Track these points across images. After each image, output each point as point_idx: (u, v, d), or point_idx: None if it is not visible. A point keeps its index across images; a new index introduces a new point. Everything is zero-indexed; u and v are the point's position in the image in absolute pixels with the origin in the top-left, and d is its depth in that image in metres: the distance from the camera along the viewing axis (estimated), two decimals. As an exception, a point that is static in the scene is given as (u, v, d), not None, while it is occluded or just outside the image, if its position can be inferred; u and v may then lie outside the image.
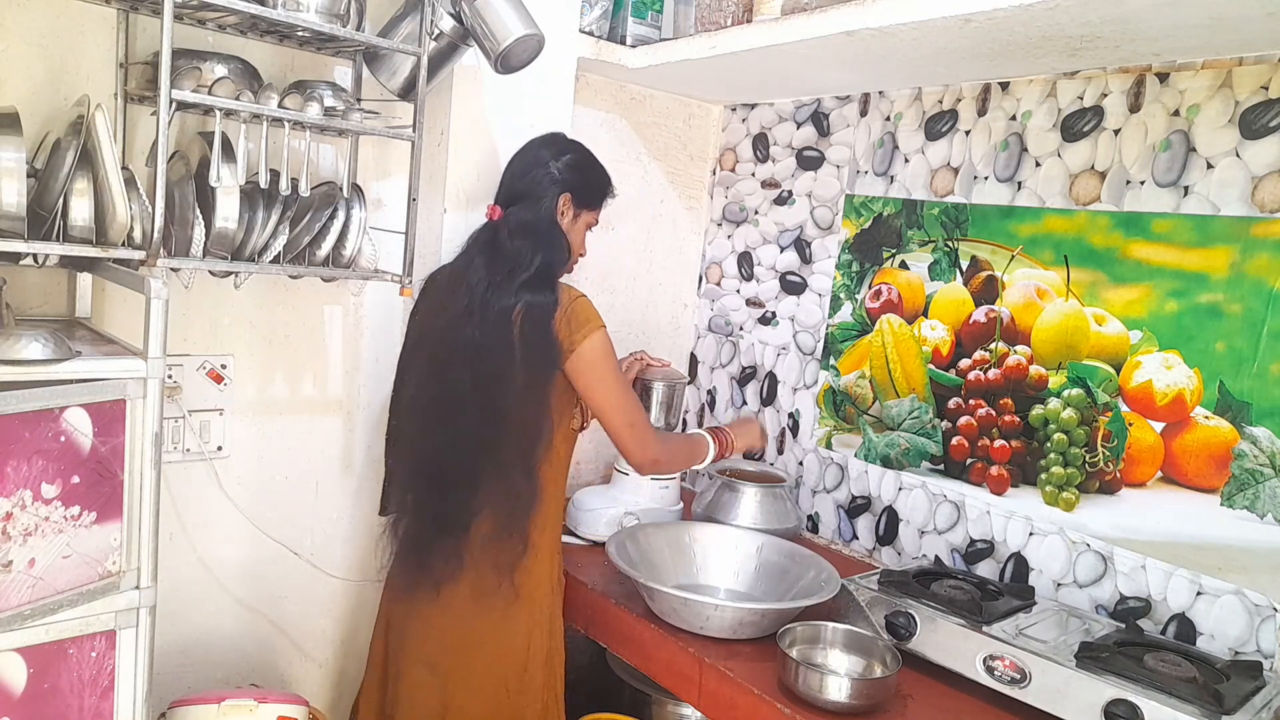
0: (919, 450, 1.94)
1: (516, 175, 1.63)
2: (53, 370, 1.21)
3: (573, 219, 1.63)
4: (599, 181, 1.68)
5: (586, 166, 1.65)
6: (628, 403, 1.58)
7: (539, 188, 1.59)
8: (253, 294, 1.80)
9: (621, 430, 1.57)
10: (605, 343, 1.54)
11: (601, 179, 1.68)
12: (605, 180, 1.69)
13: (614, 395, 1.56)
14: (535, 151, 1.64)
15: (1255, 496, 1.46)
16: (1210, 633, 1.50)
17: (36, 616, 1.20)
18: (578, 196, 1.62)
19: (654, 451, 1.60)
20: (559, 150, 1.63)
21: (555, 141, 1.66)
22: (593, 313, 1.54)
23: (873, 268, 2.05)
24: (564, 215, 1.61)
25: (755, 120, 2.35)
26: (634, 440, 1.57)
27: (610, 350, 1.55)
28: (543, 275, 1.53)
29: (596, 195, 1.68)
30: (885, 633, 1.50)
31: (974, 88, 1.86)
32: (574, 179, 1.61)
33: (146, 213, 1.37)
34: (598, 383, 1.54)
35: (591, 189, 1.66)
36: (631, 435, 1.57)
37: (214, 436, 1.78)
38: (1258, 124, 1.46)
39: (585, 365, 1.52)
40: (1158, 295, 1.58)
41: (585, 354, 1.51)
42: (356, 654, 2.05)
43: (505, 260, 1.53)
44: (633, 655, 1.65)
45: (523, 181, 1.61)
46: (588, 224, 1.68)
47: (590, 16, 2.00)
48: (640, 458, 1.60)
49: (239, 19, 1.49)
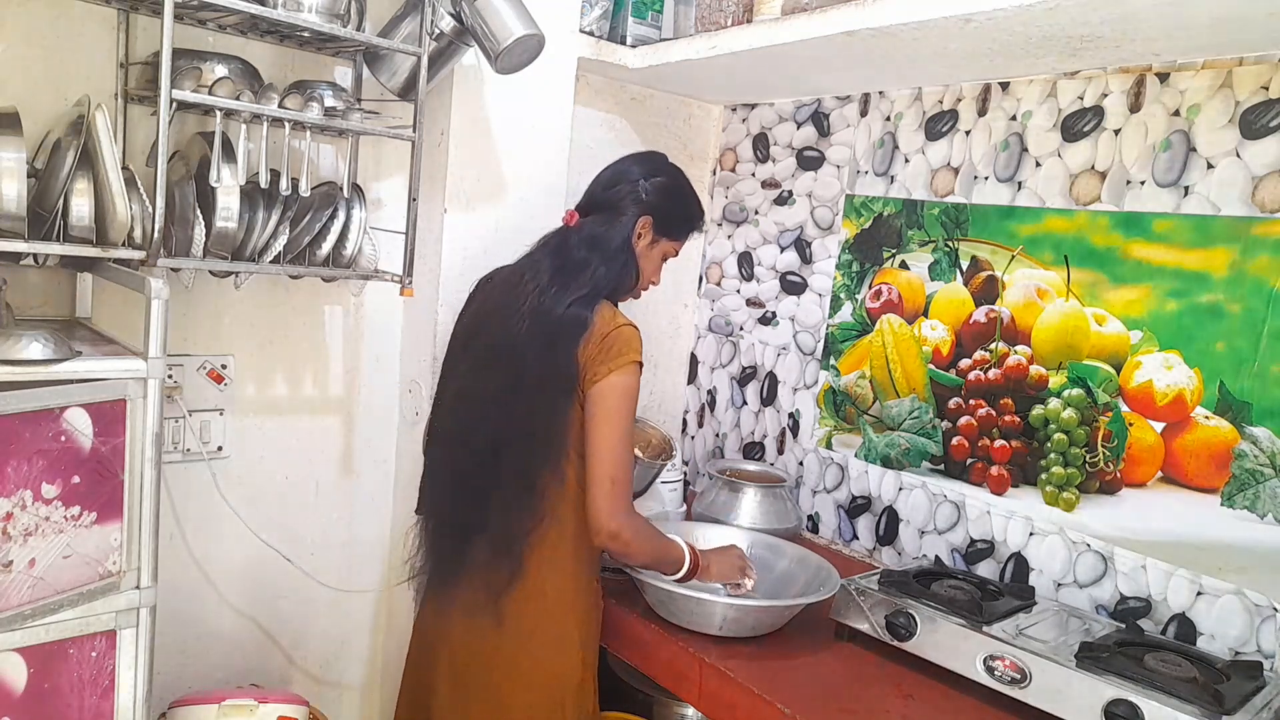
0: (919, 450, 1.94)
1: (602, 185, 1.58)
2: (53, 370, 1.21)
3: (649, 243, 1.56)
4: (687, 211, 1.60)
5: (677, 193, 1.58)
6: (621, 457, 1.43)
7: (621, 203, 1.54)
8: (253, 294, 1.80)
9: (601, 481, 1.41)
10: (631, 383, 1.44)
11: (690, 210, 1.61)
12: (695, 211, 1.62)
13: (612, 440, 1.42)
14: (628, 166, 1.58)
15: (1255, 496, 1.46)
16: (1210, 633, 1.50)
17: (37, 616, 1.20)
18: (660, 222, 1.55)
19: (621, 522, 1.41)
20: (652, 170, 1.57)
21: (651, 160, 1.60)
22: (634, 346, 1.44)
23: (873, 268, 2.05)
24: (640, 238, 1.55)
25: (755, 120, 2.35)
26: (607, 499, 1.40)
27: (633, 393, 1.44)
28: (595, 292, 1.47)
29: (681, 225, 1.60)
30: (886, 633, 1.50)
31: (974, 88, 1.86)
32: (660, 203, 1.54)
33: (147, 213, 1.37)
34: (604, 420, 1.42)
35: (677, 218, 1.59)
36: (608, 493, 1.40)
37: (214, 437, 1.78)
38: (1258, 124, 1.46)
39: (601, 396, 1.42)
40: (1158, 295, 1.58)
41: (608, 385, 1.42)
42: (357, 654, 2.06)
43: (567, 268, 1.48)
44: (633, 655, 1.65)
45: (607, 193, 1.56)
46: (665, 253, 1.60)
47: (590, 16, 2.00)
48: (605, 521, 1.40)
49: (239, 19, 1.49)
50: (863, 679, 1.46)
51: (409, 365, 1.98)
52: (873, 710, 1.36)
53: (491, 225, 1.90)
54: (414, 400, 1.94)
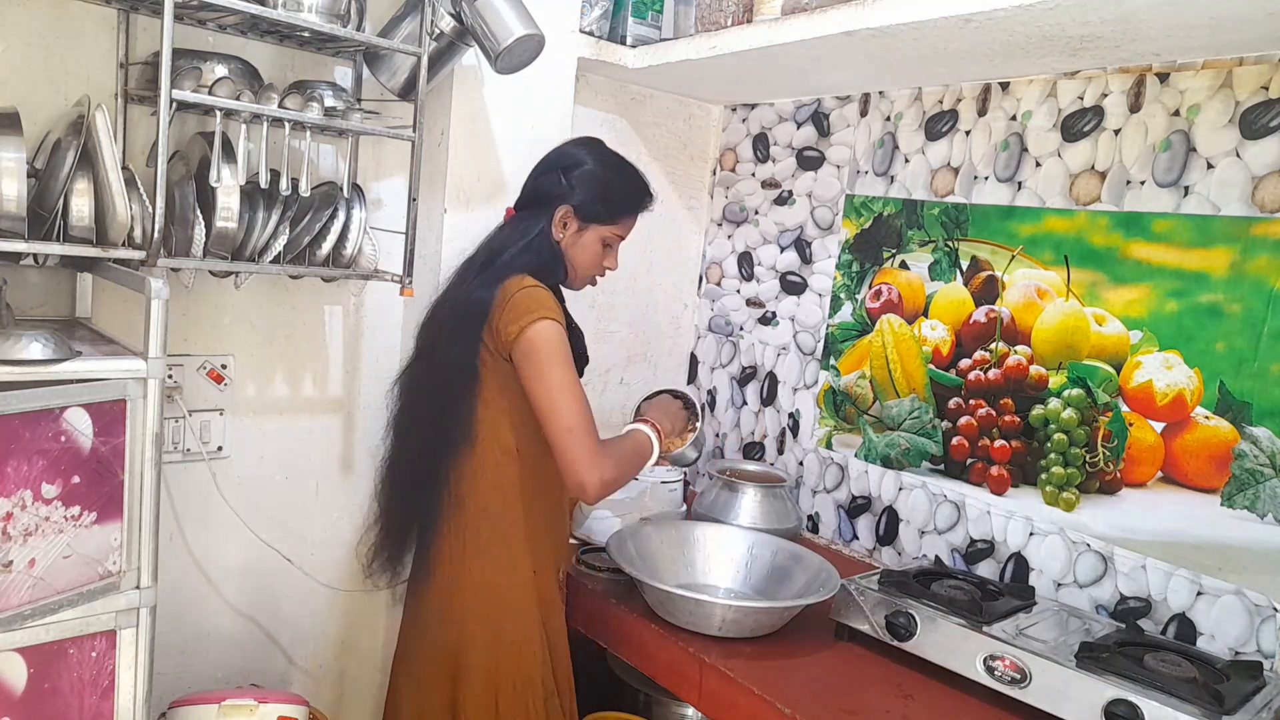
0: (919, 450, 1.94)
1: (531, 177, 1.60)
2: (53, 370, 1.21)
3: (576, 231, 1.55)
4: (617, 195, 1.57)
5: (601, 179, 1.55)
6: (567, 405, 1.36)
7: (543, 195, 1.56)
8: (253, 294, 1.80)
9: (559, 437, 1.35)
10: (552, 333, 1.39)
11: (618, 192, 1.57)
12: (627, 194, 1.58)
13: (551, 393, 1.37)
14: (555, 155, 1.59)
15: (1255, 496, 1.46)
16: (1210, 633, 1.50)
17: (37, 616, 1.20)
18: (584, 210, 1.54)
19: (599, 470, 1.34)
20: (575, 159, 1.56)
21: (579, 148, 1.59)
22: (541, 302, 1.42)
23: (873, 268, 2.05)
24: (564, 228, 1.55)
25: (755, 120, 2.35)
26: (573, 452, 1.34)
27: (557, 342, 1.40)
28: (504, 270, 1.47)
29: (612, 209, 1.56)
30: (886, 633, 1.50)
31: (974, 88, 1.86)
32: (581, 192, 1.53)
33: (147, 213, 1.37)
34: (534, 378, 1.39)
35: (606, 202, 1.55)
36: (571, 446, 1.34)
37: (214, 437, 1.78)
38: (1258, 124, 1.46)
39: (523, 357, 1.40)
40: (1158, 295, 1.58)
41: (524, 343, 1.39)
42: (356, 654, 2.06)
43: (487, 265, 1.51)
44: (633, 655, 1.65)
45: (533, 184, 1.59)
46: (603, 238, 1.57)
47: (590, 16, 2.00)
48: (583, 475, 1.34)
49: (239, 19, 1.49)
50: (863, 679, 1.46)
51: (409, 365, 1.98)
52: (873, 710, 1.37)
53: (491, 225, 1.89)
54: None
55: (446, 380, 1.48)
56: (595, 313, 2.30)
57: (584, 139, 1.64)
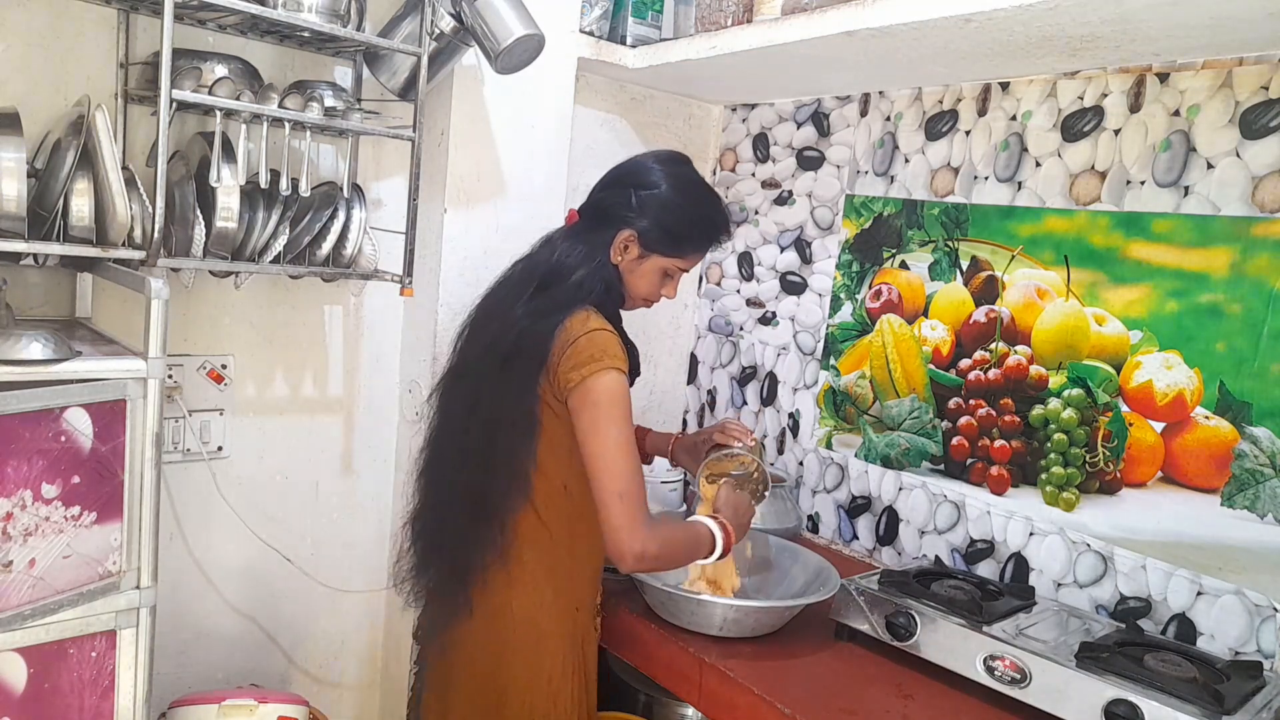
0: (919, 450, 1.94)
1: (601, 185, 1.49)
2: (53, 370, 1.21)
3: (636, 258, 1.44)
4: (683, 228, 1.44)
5: (671, 208, 1.42)
6: (622, 467, 1.30)
7: (608, 212, 1.44)
8: (253, 294, 1.80)
9: (610, 501, 1.29)
10: (615, 386, 1.32)
11: (687, 226, 1.44)
12: (698, 228, 1.45)
13: (606, 452, 1.30)
14: (630, 169, 1.47)
15: (1255, 496, 1.46)
16: (1210, 633, 1.50)
17: (36, 616, 1.20)
18: (648, 238, 1.42)
19: (645, 541, 1.28)
20: (649, 180, 1.43)
21: (657, 165, 1.46)
22: (609, 350, 1.33)
23: (873, 268, 2.05)
24: (624, 252, 1.44)
25: (755, 120, 2.35)
26: (620, 518, 1.28)
27: (619, 396, 1.33)
28: (564, 306, 1.37)
29: (678, 243, 1.44)
30: (886, 633, 1.50)
31: (974, 88, 1.86)
32: (650, 218, 1.41)
33: (147, 213, 1.37)
34: (590, 432, 1.31)
35: (672, 235, 1.43)
36: (619, 512, 1.28)
37: (214, 437, 1.78)
38: (1258, 124, 1.46)
39: (581, 407, 1.32)
40: (1158, 295, 1.58)
41: (584, 393, 1.32)
42: (357, 654, 2.06)
43: (544, 280, 1.40)
44: (633, 655, 1.65)
45: (601, 195, 1.47)
46: (664, 269, 1.46)
47: (590, 16, 2.00)
48: (627, 544, 1.28)
49: (239, 19, 1.49)
50: (863, 679, 1.46)
51: (409, 365, 1.98)
52: (873, 710, 1.37)
53: (491, 225, 1.90)
54: (414, 400, 1.94)
55: (504, 425, 1.39)
56: (595, 313, 2.30)
57: (667, 155, 1.50)
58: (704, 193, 1.48)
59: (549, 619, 1.45)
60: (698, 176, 1.49)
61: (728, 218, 1.50)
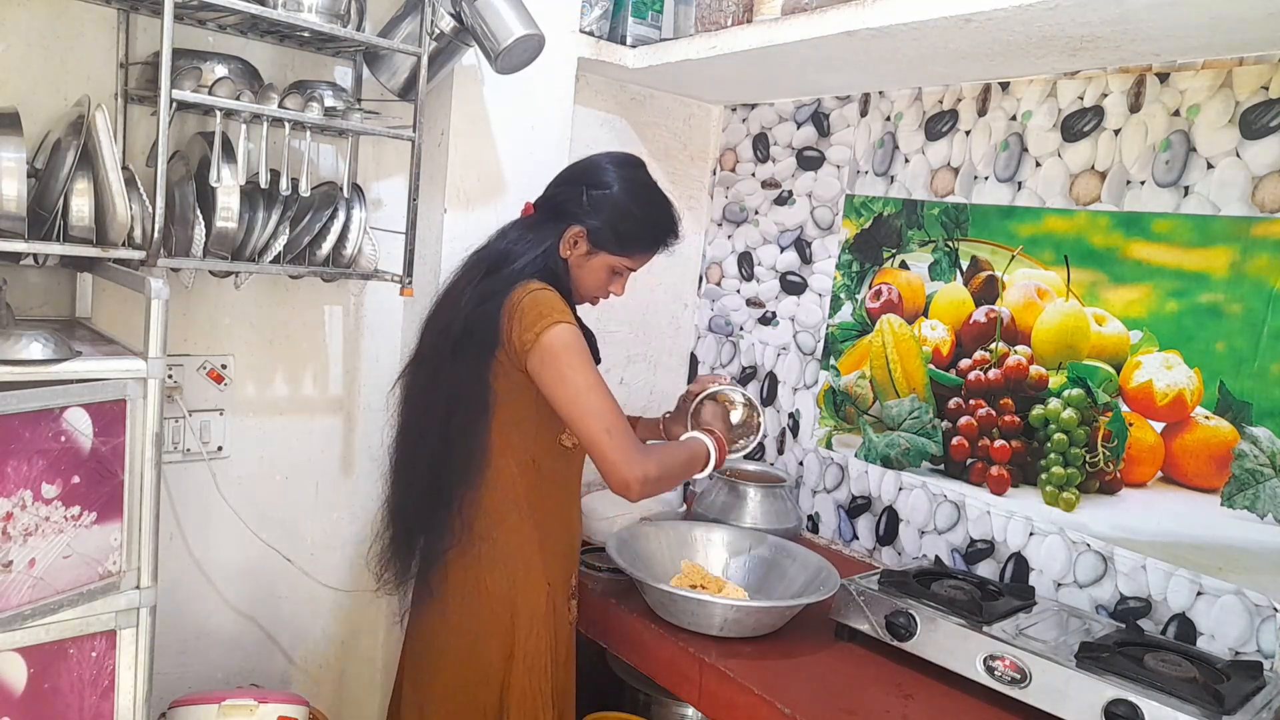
0: (919, 450, 1.94)
1: (556, 181, 1.53)
2: (53, 370, 1.21)
3: (585, 254, 1.48)
4: (634, 228, 1.48)
5: (622, 211, 1.46)
6: (599, 406, 1.34)
7: (560, 207, 1.49)
8: (253, 294, 1.80)
9: (599, 439, 1.32)
10: (568, 335, 1.35)
11: (635, 227, 1.47)
12: (646, 229, 1.49)
13: (584, 394, 1.33)
14: (585, 168, 1.51)
15: (1255, 496, 1.46)
16: (1210, 633, 1.50)
17: (36, 616, 1.20)
18: (596, 236, 1.46)
19: (642, 467, 1.32)
20: (602, 180, 1.47)
21: (611, 168, 1.50)
22: (551, 305, 1.37)
23: (873, 268, 2.05)
24: (573, 247, 1.47)
25: (755, 120, 2.35)
26: (616, 451, 1.31)
27: (575, 344, 1.36)
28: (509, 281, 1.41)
29: (624, 242, 1.48)
30: (886, 633, 1.50)
31: (974, 88, 1.86)
32: (600, 216, 1.45)
33: (147, 213, 1.37)
34: (559, 382, 1.34)
35: (617, 234, 1.46)
36: (612, 445, 1.32)
37: (214, 437, 1.78)
38: (1258, 124, 1.46)
39: (541, 365, 1.35)
40: (1158, 295, 1.58)
41: (540, 350, 1.34)
42: (357, 654, 2.06)
43: (494, 267, 1.45)
44: (633, 655, 1.65)
45: (555, 190, 1.52)
46: (611, 266, 1.49)
47: (590, 16, 2.00)
48: (625, 473, 1.32)
49: (239, 19, 1.49)
50: (863, 679, 1.46)
51: (409, 365, 1.98)
52: (873, 710, 1.37)
53: (491, 225, 1.88)
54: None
55: (458, 406, 1.42)
56: (595, 312, 2.30)
57: (622, 157, 1.54)
58: (654, 196, 1.51)
59: (521, 595, 1.48)
60: (650, 180, 1.53)
61: (675, 222, 1.53)
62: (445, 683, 1.51)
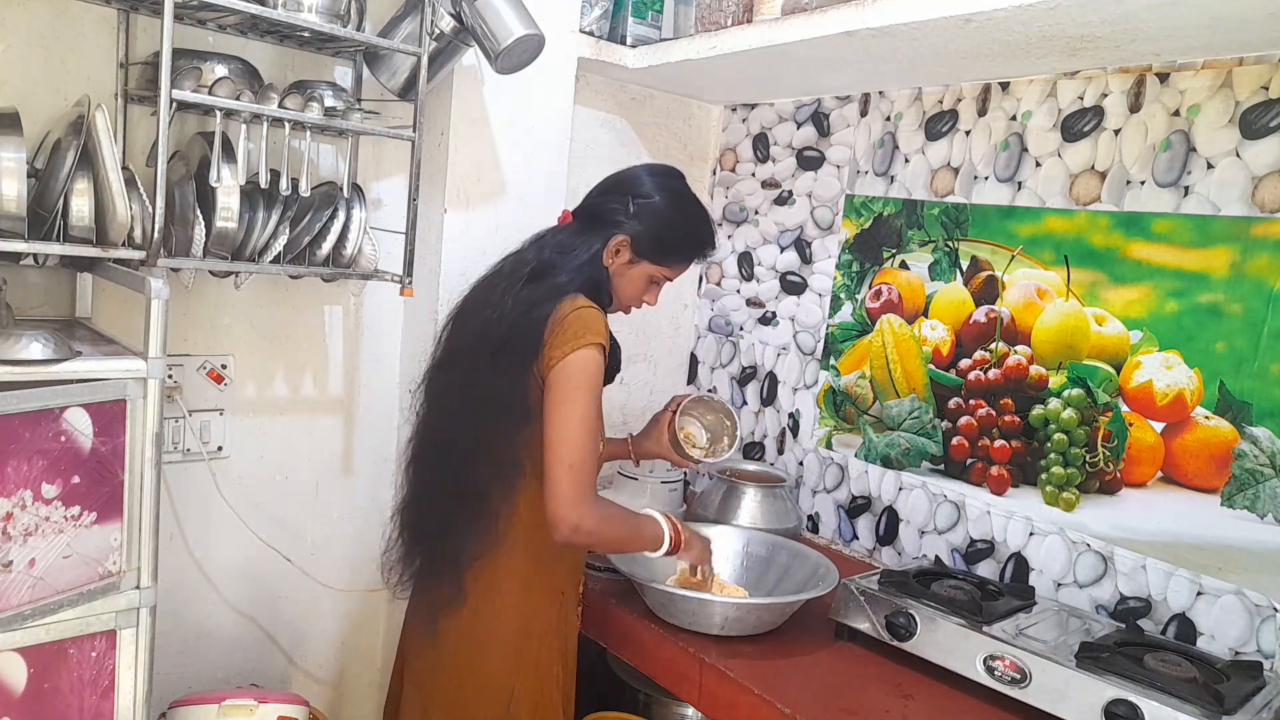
0: (919, 450, 1.94)
1: (597, 191, 1.53)
2: (53, 370, 1.21)
3: (627, 263, 1.49)
4: (676, 241, 1.50)
5: (665, 220, 1.48)
6: (580, 440, 1.33)
7: (603, 216, 1.48)
8: (253, 294, 1.80)
9: (559, 470, 1.32)
10: (591, 362, 1.36)
11: (680, 238, 1.51)
12: (688, 240, 1.52)
13: (570, 422, 1.34)
14: (627, 177, 1.52)
15: (1255, 496, 1.46)
16: (1210, 633, 1.50)
17: (36, 616, 1.20)
18: (640, 245, 1.47)
19: (582, 514, 1.32)
20: (646, 189, 1.49)
21: (652, 177, 1.51)
22: (594, 327, 1.37)
23: (873, 268, 2.05)
24: (617, 255, 1.48)
25: (755, 120, 2.35)
26: (564, 486, 1.31)
27: (594, 372, 1.37)
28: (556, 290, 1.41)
29: (667, 253, 1.50)
30: (886, 632, 1.50)
31: (974, 88, 1.86)
32: (643, 225, 1.47)
33: (147, 213, 1.37)
34: (560, 401, 1.35)
35: (662, 244, 1.49)
36: (568, 481, 1.31)
37: (214, 437, 1.78)
38: (1258, 124, 1.46)
39: (556, 379, 1.35)
40: (1158, 295, 1.58)
41: (564, 365, 1.35)
42: (357, 654, 2.06)
43: (535, 272, 1.44)
44: (633, 655, 1.65)
45: (597, 200, 1.52)
46: (651, 276, 1.51)
47: (590, 16, 2.00)
48: (564, 512, 1.31)
49: (239, 19, 1.49)
50: (863, 679, 1.46)
51: (409, 365, 1.98)
52: (873, 710, 1.37)
53: (491, 225, 1.90)
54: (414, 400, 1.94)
55: (492, 413, 1.41)
56: (595, 313, 2.30)
57: (663, 168, 1.56)
58: (696, 207, 1.55)
59: (535, 606, 1.48)
60: (690, 191, 1.55)
61: (714, 234, 1.58)
62: (444, 685, 1.49)
